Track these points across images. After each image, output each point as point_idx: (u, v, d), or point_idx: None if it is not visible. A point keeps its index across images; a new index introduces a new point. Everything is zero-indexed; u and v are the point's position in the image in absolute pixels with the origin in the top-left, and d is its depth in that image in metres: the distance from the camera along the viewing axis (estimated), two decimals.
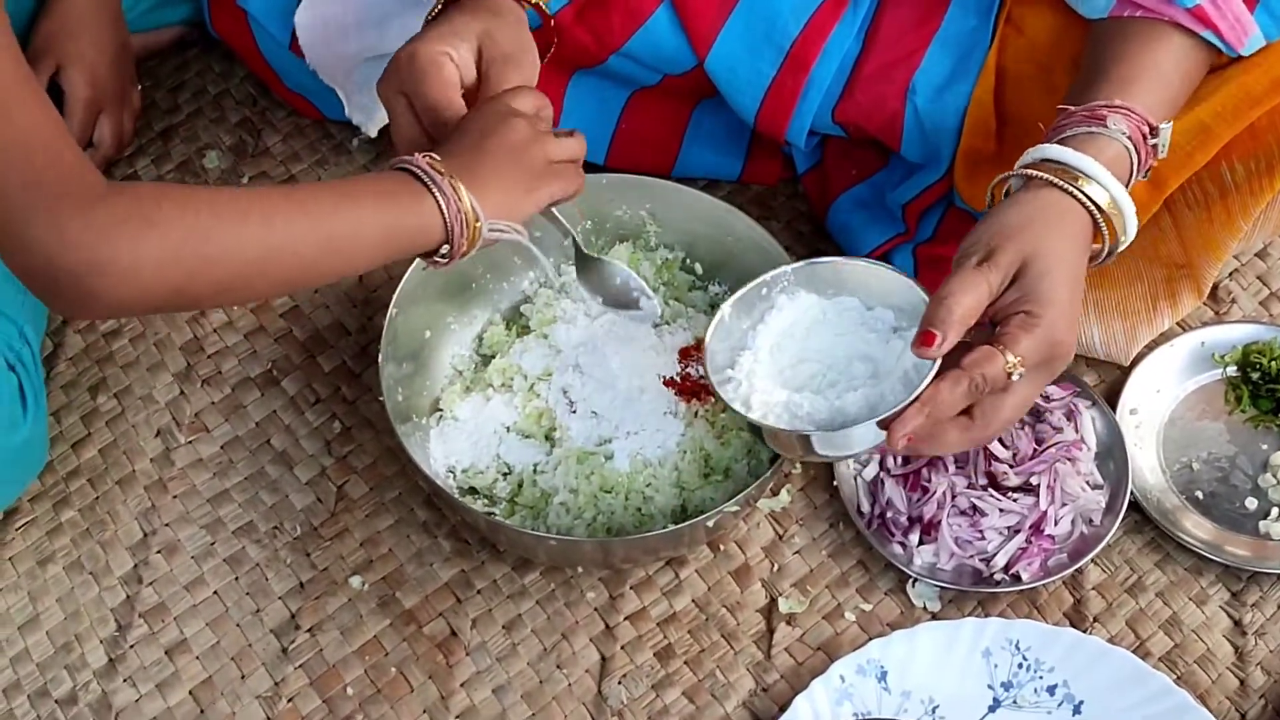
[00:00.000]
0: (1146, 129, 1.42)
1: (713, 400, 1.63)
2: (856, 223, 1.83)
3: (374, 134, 1.85)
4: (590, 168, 1.81)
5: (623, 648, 1.60)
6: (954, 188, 1.73)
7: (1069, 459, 1.62)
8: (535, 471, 1.63)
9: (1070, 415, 1.65)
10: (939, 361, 1.35)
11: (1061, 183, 1.39)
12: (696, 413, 1.63)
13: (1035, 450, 1.62)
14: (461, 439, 1.66)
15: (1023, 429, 1.64)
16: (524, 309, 1.75)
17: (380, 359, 1.59)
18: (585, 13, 1.74)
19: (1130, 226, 1.42)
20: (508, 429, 1.66)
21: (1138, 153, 1.42)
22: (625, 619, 1.62)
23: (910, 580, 1.62)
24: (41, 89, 1.22)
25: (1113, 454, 1.64)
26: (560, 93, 1.83)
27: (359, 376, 1.79)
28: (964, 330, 1.34)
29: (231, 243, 1.26)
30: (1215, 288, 1.80)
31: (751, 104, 1.75)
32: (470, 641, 1.60)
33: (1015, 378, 1.34)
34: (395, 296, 1.62)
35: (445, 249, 1.37)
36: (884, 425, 1.37)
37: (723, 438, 1.63)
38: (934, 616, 1.59)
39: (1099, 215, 1.39)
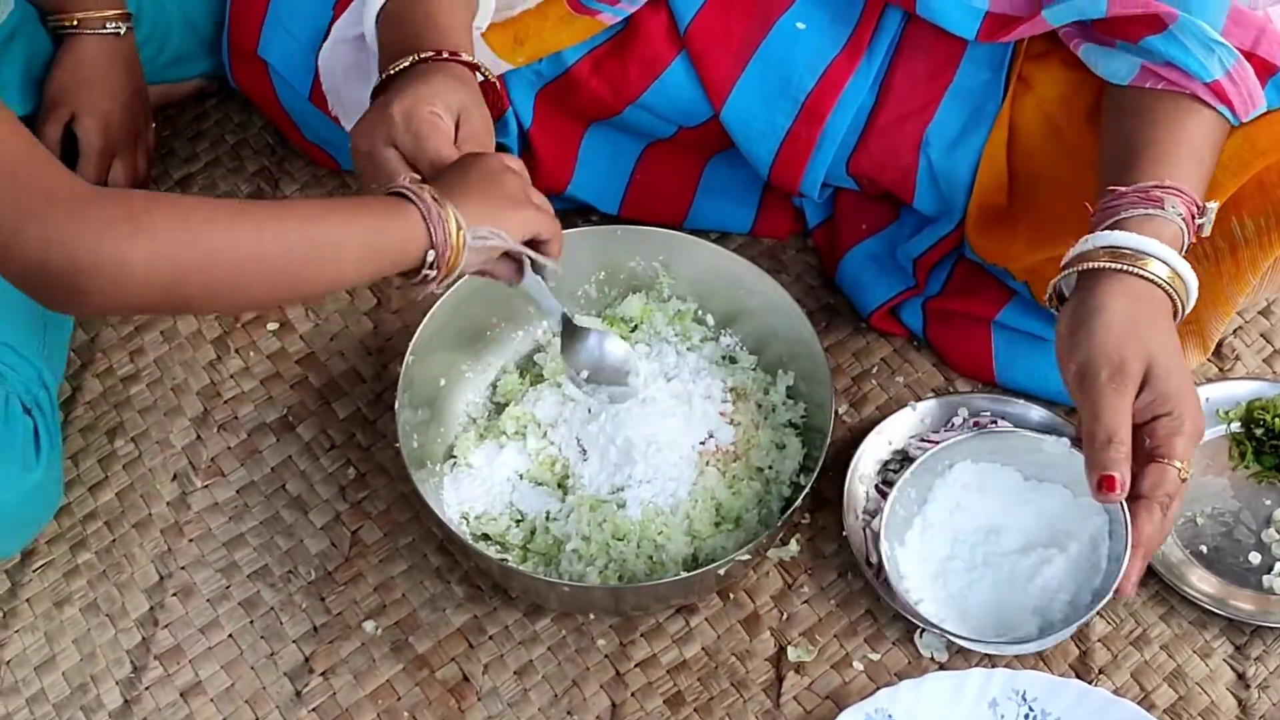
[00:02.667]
0: (1196, 209, 1.44)
1: (725, 454, 1.66)
2: (866, 277, 1.85)
3: None
4: (604, 218, 1.84)
5: (633, 694, 1.61)
6: (965, 240, 1.75)
7: None
8: (548, 519, 1.65)
9: None
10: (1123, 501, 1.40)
11: (1142, 271, 1.40)
12: (708, 462, 1.65)
13: None
14: (475, 486, 1.68)
15: None
16: (537, 358, 1.77)
17: (396, 406, 1.61)
18: (602, 64, 1.77)
19: (1192, 298, 1.45)
20: (521, 476, 1.68)
21: (1188, 233, 1.44)
22: (636, 666, 1.63)
23: (918, 630, 1.63)
24: (6, 108, 1.25)
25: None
26: (575, 144, 1.85)
27: (373, 423, 1.81)
28: (1130, 459, 1.38)
29: (222, 246, 1.28)
30: (1219, 345, 1.82)
31: (766, 156, 1.77)
32: (482, 687, 1.62)
33: (1185, 478, 1.40)
34: (411, 344, 1.64)
35: (432, 257, 1.37)
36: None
37: (734, 487, 1.65)
38: (941, 666, 1.61)
39: (1172, 293, 1.42)
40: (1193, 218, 1.44)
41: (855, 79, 1.74)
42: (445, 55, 1.50)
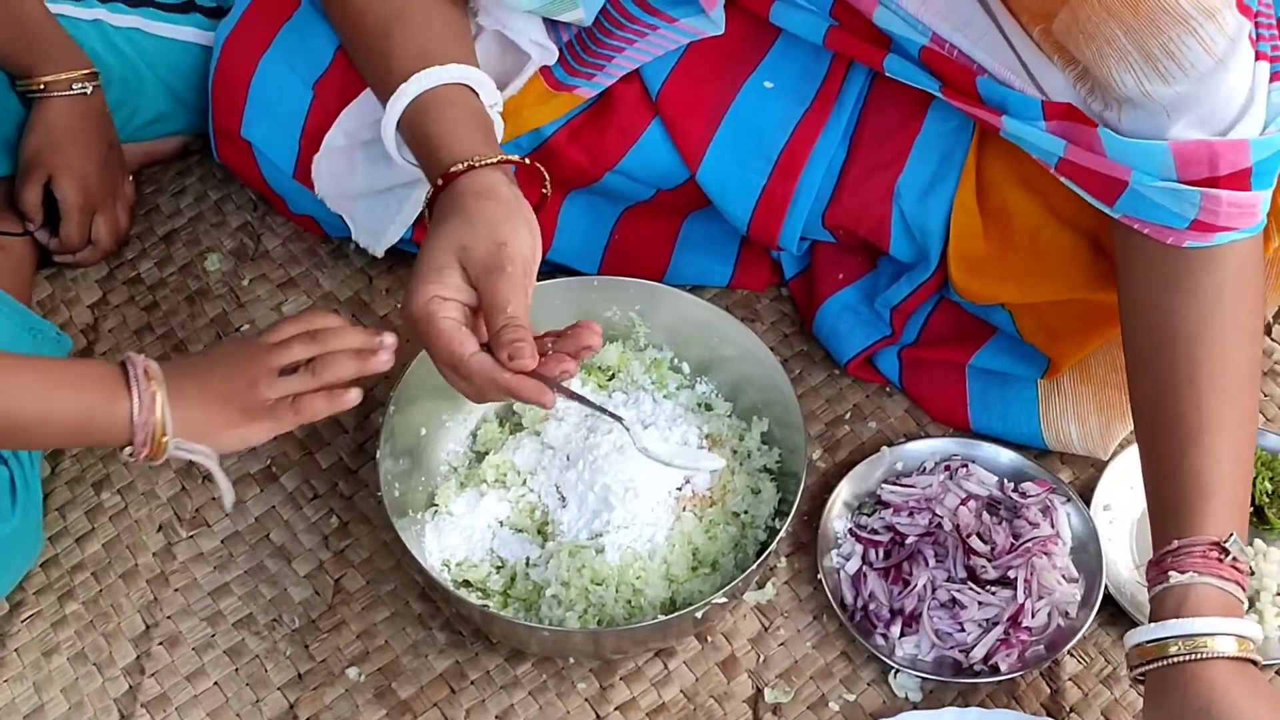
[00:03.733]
0: (1216, 554, 1.42)
1: (701, 499, 1.68)
2: (843, 326, 1.87)
3: (380, 254, 1.85)
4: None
5: None
6: (946, 283, 1.77)
7: (1045, 553, 1.66)
8: (528, 565, 1.67)
9: (1046, 511, 1.70)
10: None
11: (1192, 655, 1.40)
12: (685, 507, 1.68)
13: (1012, 545, 1.66)
14: (456, 533, 1.69)
15: (1000, 524, 1.69)
16: (516, 407, 1.79)
17: (378, 455, 1.63)
18: (579, 134, 1.80)
19: (1258, 639, 1.43)
20: (501, 523, 1.70)
21: (1219, 576, 1.42)
22: (615, 709, 1.65)
23: (892, 671, 1.66)
24: None
25: (1087, 548, 1.69)
26: (555, 211, 1.88)
27: (355, 473, 1.83)
28: None
29: None
30: None
31: (744, 213, 1.80)
32: None
33: None
34: (393, 394, 1.66)
35: (129, 452, 1.44)
36: None
37: (710, 532, 1.67)
38: (915, 706, 1.63)
39: (1245, 653, 1.41)
40: (1219, 560, 1.42)
41: (825, 133, 1.77)
42: (440, 184, 1.50)
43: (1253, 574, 1.68)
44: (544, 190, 1.60)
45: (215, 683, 1.68)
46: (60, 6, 1.93)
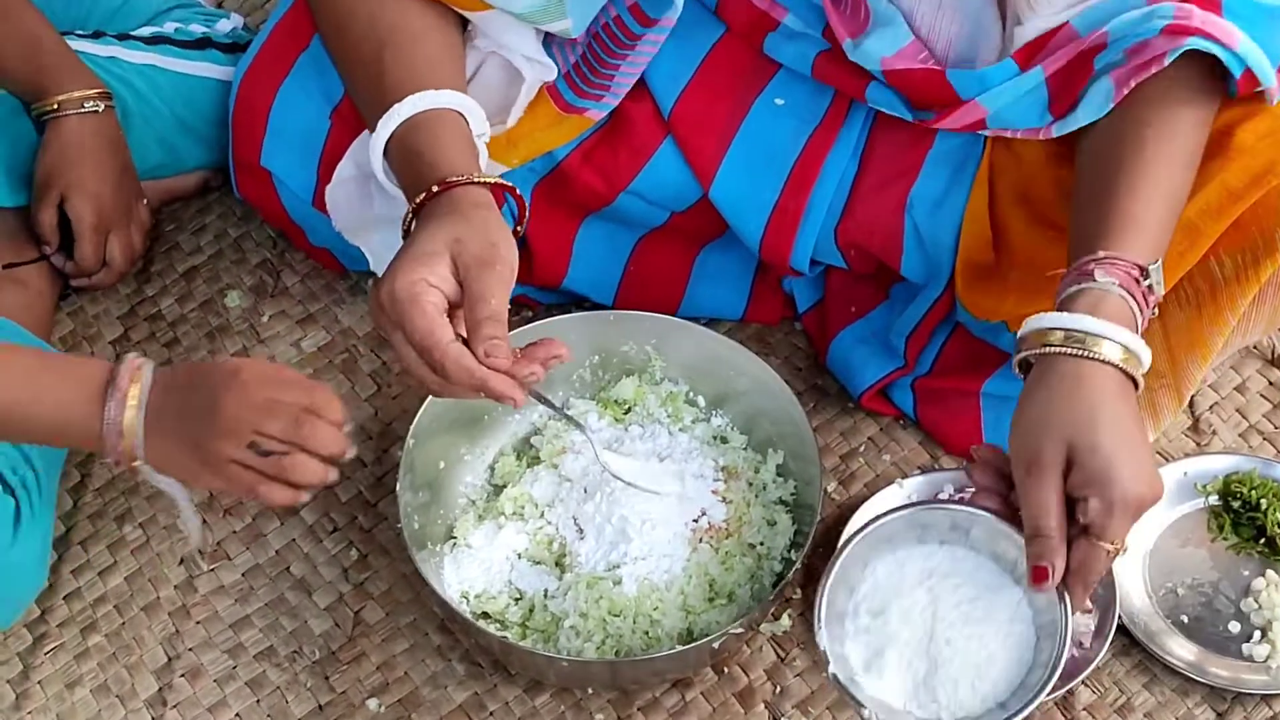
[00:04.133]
0: (1137, 273, 1.43)
1: (717, 531, 1.69)
2: (856, 359, 1.88)
3: None
4: (599, 308, 1.88)
5: None
6: (956, 304, 1.77)
7: None
8: (546, 596, 1.68)
9: None
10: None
11: (1068, 350, 1.41)
12: (701, 539, 1.69)
13: None
14: (475, 565, 1.70)
15: None
16: (534, 440, 1.81)
17: (398, 488, 1.65)
18: (592, 155, 1.81)
19: (1145, 364, 1.44)
20: (519, 555, 1.71)
21: (1133, 297, 1.43)
22: None
23: None
24: None
25: (1101, 580, 1.69)
26: (570, 238, 1.89)
27: (375, 505, 1.85)
28: (1064, 540, 1.38)
29: None
30: (1197, 420, 1.86)
31: (756, 231, 1.81)
32: None
33: (1121, 550, 1.40)
34: (411, 429, 1.68)
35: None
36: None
37: (726, 563, 1.68)
38: None
39: (1120, 367, 1.41)
40: (1136, 282, 1.43)
41: (837, 148, 1.78)
42: (435, 190, 1.53)
43: (1260, 608, 1.69)
44: (518, 228, 1.62)
45: (237, 714, 1.70)
46: (77, 43, 1.96)
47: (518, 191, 1.60)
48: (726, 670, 1.70)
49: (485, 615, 1.69)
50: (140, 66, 2.01)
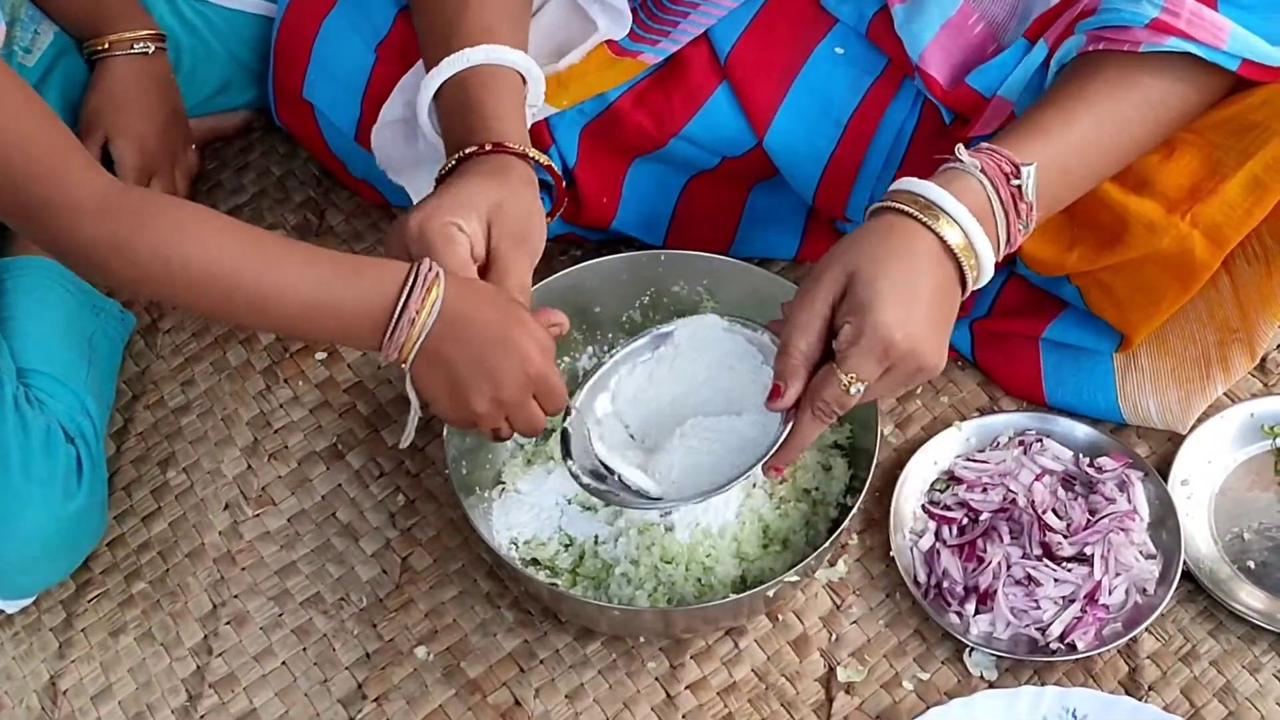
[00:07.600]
0: (1009, 168, 1.43)
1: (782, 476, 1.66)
2: None
3: None
4: (647, 248, 1.85)
5: (684, 716, 1.62)
6: (1016, 256, 1.74)
7: (1122, 529, 1.64)
8: (596, 543, 1.66)
9: (1123, 486, 1.68)
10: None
11: (905, 207, 1.41)
12: (755, 484, 1.66)
13: (1089, 521, 1.64)
14: (523, 511, 1.69)
15: (1076, 500, 1.66)
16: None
17: (445, 433, 1.63)
18: (645, 98, 1.79)
19: (985, 273, 1.43)
20: (569, 501, 1.69)
21: (998, 191, 1.42)
22: (686, 688, 1.64)
23: (967, 649, 1.63)
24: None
25: (1165, 524, 1.66)
26: (620, 180, 1.86)
27: (422, 450, 1.82)
28: (810, 368, 1.41)
29: (206, 252, 1.37)
30: (1264, 360, 1.82)
31: (811, 181, 1.78)
32: (534, 710, 1.63)
33: (855, 391, 1.39)
34: None
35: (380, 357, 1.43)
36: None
37: (781, 509, 1.66)
38: (990, 685, 1.61)
39: (946, 243, 1.41)
40: (1006, 178, 1.43)
41: (897, 100, 1.75)
42: (489, 148, 1.52)
43: None
44: (550, 215, 1.64)
45: (283, 662, 1.68)
46: None
47: (560, 176, 1.61)
48: (781, 618, 1.68)
49: (535, 562, 1.67)
50: (193, 3, 2.00)
